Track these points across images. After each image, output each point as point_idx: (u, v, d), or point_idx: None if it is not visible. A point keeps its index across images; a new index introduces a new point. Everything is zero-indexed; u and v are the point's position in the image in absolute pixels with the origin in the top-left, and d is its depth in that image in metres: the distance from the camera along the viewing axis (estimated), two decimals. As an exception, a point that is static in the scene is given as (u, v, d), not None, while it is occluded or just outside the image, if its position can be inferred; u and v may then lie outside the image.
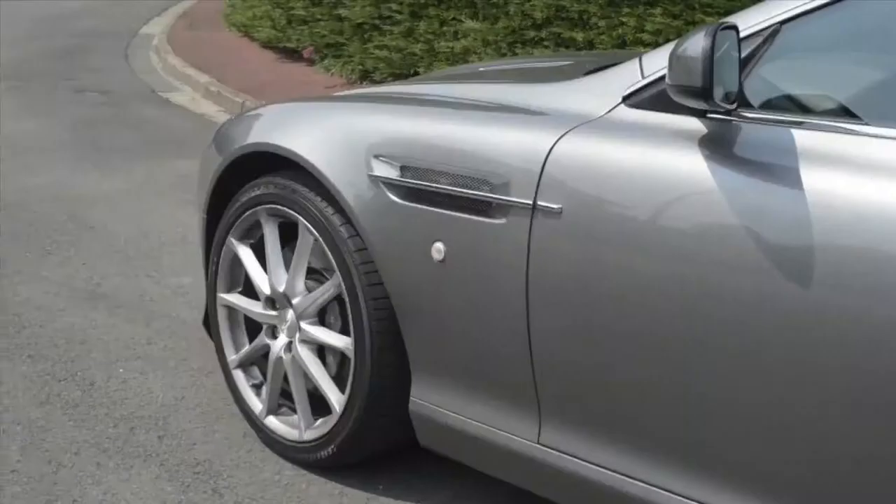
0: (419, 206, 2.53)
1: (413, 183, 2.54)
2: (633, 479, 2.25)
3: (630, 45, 6.08)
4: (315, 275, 2.94)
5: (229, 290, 3.18)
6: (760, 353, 2.00)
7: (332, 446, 2.87)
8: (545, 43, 6.77)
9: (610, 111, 2.31)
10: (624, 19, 6.17)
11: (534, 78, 2.97)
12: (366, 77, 8.45)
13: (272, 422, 3.07)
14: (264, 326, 3.06)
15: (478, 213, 2.41)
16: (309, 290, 2.91)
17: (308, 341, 2.93)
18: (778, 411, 2.01)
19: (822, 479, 1.99)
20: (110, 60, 10.59)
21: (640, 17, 6.09)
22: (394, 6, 8.01)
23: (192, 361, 3.66)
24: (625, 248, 2.17)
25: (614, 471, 2.29)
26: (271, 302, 3.01)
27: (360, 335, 2.71)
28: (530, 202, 2.30)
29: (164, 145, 6.98)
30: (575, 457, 2.35)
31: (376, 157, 2.63)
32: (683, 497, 2.17)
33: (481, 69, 3.64)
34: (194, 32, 11.71)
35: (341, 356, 2.89)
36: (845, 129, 2.03)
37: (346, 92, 3.38)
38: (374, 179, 2.62)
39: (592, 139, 2.27)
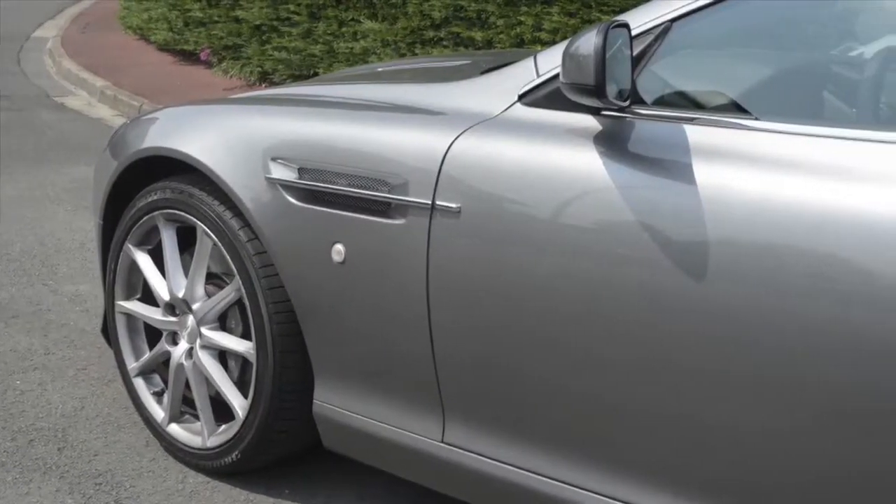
0: (318, 208, 2.52)
1: (311, 185, 2.53)
2: (538, 475, 2.27)
3: (528, 44, 6.12)
4: (215, 279, 2.91)
5: (128, 297, 3.13)
6: (659, 348, 2.03)
7: (237, 452, 2.84)
8: (444, 43, 6.79)
9: (506, 110, 2.33)
10: (522, 18, 6.22)
11: (431, 78, 2.97)
12: (265, 79, 8.39)
13: (175, 429, 3.03)
14: (164, 333, 3.02)
15: (377, 213, 2.41)
16: (209, 295, 2.88)
17: (209, 347, 2.89)
18: (679, 405, 2.04)
19: (726, 471, 2.02)
20: (1, 64, 10.36)
21: (538, 16, 6.14)
22: (292, 7, 7.97)
23: (91, 371, 3.59)
24: (523, 245, 2.18)
25: (519, 467, 2.30)
26: (171, 308, 2.97)
27: (262, 339, 2.69)
28: (429, 202, 2.30)
29: (59, 151, 6.85)
30: (479, 454, 2.36)
31: (274, 159, 2.61)
32: (588, 492, 2.20)
33: (379, 70, 3.64)
34: (89, 35, 11.51)
35: (243, 361, 2.86)
36: (736, 124, 2.07)
37: (244, 94, 3.35)
38: (272, 182, 2.60)
39: (489, 138, 2.28)
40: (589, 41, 2.01)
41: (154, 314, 3.04)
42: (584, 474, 2.20)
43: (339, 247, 2.48)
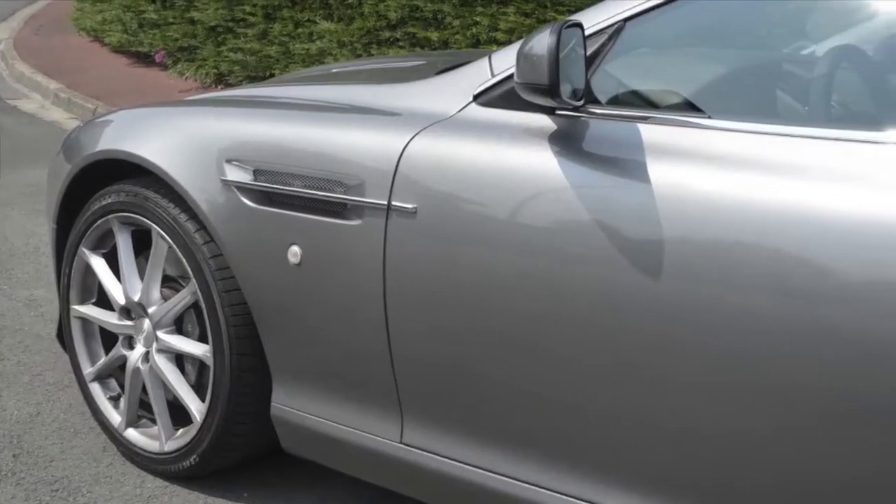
0: (274, 209, 2.51)
1: (267, 186, 2.52)
2: (497, 474, 2.27)
3: (484, 45, 6.13)
4: (171, 283, 2.90)
5: (83, 301, 3.11)
6: (617, 346, 2.04)
7: (194, 456, 2.83)
8: (400, 43, 6.78)
9: (461, 110, 2.33)
10: (478, 18, 6.22)
11: (387, 78, 2.97)
12: (220, 80, 8.35)
13: (132, 434, 3.01)
14: (120, 337, 3.00)
15: (333, 215, 2.40)
16: (165, 298, 2.87)
17: (165, 350, 2.88)
18: (637, 403, 2.05)
19: (685, 469, 2.03)
20: (-46, 68, 10.26)
21: (494, 17, 6.14)
22: (247, 8, 7.93)
23: (46, 376, 3.56)
24: (479, 245, 2.19)
25: (477, 467, 2.30)
26: (126, 312, 2.95)
27: (219, 342, 2.68)
28: (385, 203, 2.30)
29: (12, 154, 6.78)
30: (438, 454, 2.37)
31: (229, 161, 2.60)
32: (548, 490, 2.20)
33: (335, 70, 3.63)
34: (43, 37, 11.40)
35: (200, 364, 2.85)
36: (690, 122, 2.08)
37: (199, 96, 3.33)
38: (228, 184, 2.58)
39: (444, 138, 2.28)
40: (542, 41, 2.02)
41: (110, 318, 3.02)
42: (544, 473, 2.20)
43: (295, 248, 2.47)
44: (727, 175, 1.94)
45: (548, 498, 2.20)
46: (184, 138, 2.74)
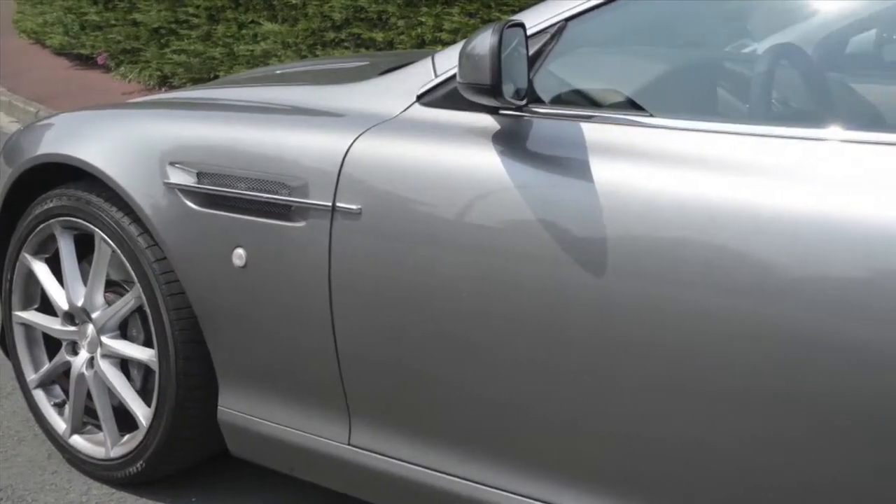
0: (218, 212, 2.50)
1: (211, 189, 2.50)
2: (445, 473, 2.28)
3: (429, 45, 6.13)
4: (115, 287, 2.87)
5: (25, 307, 3.07)
6: (561, 345, 2.04)
7: (141, 462, 2.81)
8: (345, 44, 6.77)
9: (405, 110, 2.33)
10: (422, 19, 6.22)
11: (330, 79, 2.96)
12: (164, 82, 8.30)
13: (77, 441, 2.98)
14: (64, 343, 2.97)
15: (278, 216, 2.39)
16: (109, 303, 2.84)
17: (110, 356, 2.85)
18: (582, 401, 2.05)
19: (628, 466, 2.04)
20: None
21: (438, 17, 6.15)
22: (191, 10, 7.89)
23: (-11, 383, 3.52)
24: (424, 245, 2.19)
25: (426, 467, 2.30)
26: (70, 317, 2.92)
27: (164, 346, 2.66)
28: (329, 204, 2.29)
29: (-48, 159, 6.68)
30: (386, 456, 2.36)
31: (172, 164, 2.58)
32: (495, 489, 2.21)
33: (278, 72, 3.61)
34: (-18, 41, 11.27)
35: (146, 369, 2.83)
36: (632, 121, 2.09)
37: (142, 98, 3.31)
38: (171, 187, 2.57)
39: (388, 139, 2.28)
40: (484, 41, 2.02)
41: (53, 324, 2.99)
42: (493, 472, 2.21)
43: (240, 251, 2.46)
44: (670, 173, 1.96)
45: (497, 497, 2.20)
46: (126, 141, 2.71)
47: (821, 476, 1.84)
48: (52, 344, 3.06)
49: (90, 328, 2.87)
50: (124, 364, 2.88)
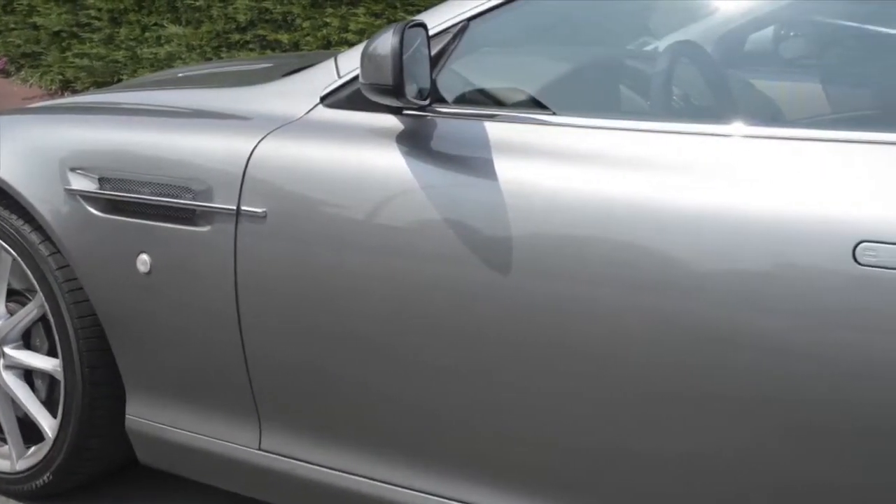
0: (121, 218, 2.46)
1: (113, 195, 2.47)
2: (357, 475, 2.27)
3: (335, 46, 6.11)
4: (16, 296, 2.82)
5: (-75, 319, 2.99)
6: (470, 344, 2.05)
7: (48, 474, 2.75)
8: (250, 46, 6.72)
9: (308, 112, 2.32)
10: (328, 20, 6.20)
11: (233, 82, 2.94)
12: (67, 87, 8.14)
13: (-19, 455, 2.92)
14: (-36, 355, 2.91)
15: (182, 221, 2.36)
16: (10, 312, 2.79)
17: (13, 366, 2.80)
18: (491, 400, 2.06)
19: (540, 462, 2.06)
20: None
21: (344, 18, 6.13)
22: (92, 13, 7.75)
23: None
24: (330, 247, 2.18)
25: (337, 469, 2.30)
26: (-30, 329, 2.86)
27: (69, 356, 2.62)
28: (234, 207, 2.27)
29: None
30: (297, 459, 2.35)
31: (73, 169, 2.53)
32: (407, 489, 2.21)
33: (181, 75, 3.57)
34: None
35: (50, 379, 2.78)
36: (535, 119, 2.10)
37: (43, 103, 3.24)
38: (72, 193, 2.52)
39: (292, 141, 2.27)
40: (386, 41, 2.02)
41: (-47, 336, 2.92)
42: (403, 472, 2.21)
43: (144, 257, 2.43)
44: (573, 170, 1.97)
45: (409, 497, 2.21)
46: (26, 147, 2.66)
47: (731, 471, 1.86)
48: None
49: (-8, 339, 2.82)
50: (28, 374, 2.83)
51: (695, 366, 1.84)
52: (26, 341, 2.81)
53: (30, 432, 2.81)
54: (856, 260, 1.70)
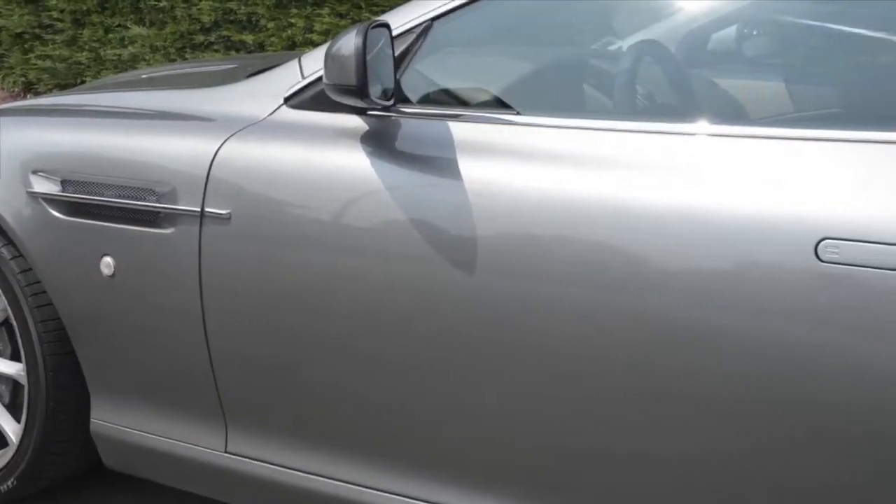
0: (84, 220, 2.45)
1: (76, 197, 2.45)
2: (324, 477, 2.27)
3: (300, 46, 6.10)
4: (-22, 301, 2.79)
5: None
6: (437, 344, 2.05)
7: (12, 479, 2.73)
8: (215, 47, 6.69)
9: (272, 113, 2.31)
10: (292, 20, 6.19)
11: (197, 83, 2.92)
12: (29, 89, 8.10)
13: (-56, 461, 2.89)
14: (-74, 360, 2.88)
15: (146, 224, 2.35)
16: (-28, 317, 2.76)
17: (-24, 372, 2.77)
18: (458, 399, 2.06)
19: (506, 462, 2.06)
20: None
21: (308, 18, 6.12)
22: (55, 14, 7.71)
23: None
24: (295, 248, 2.17)
25: (304, 471, 2.29)
26: (-68, 333, 2.83)
27: (32, 360, 2.60)
28: (198, 209, 2.26)
29: None
30: (264, 462, 2.34)
31: (35, 172, 2.52)
32: (375, 490, 2.20)
33: (144, 76, 3.55)
34: None
35: (14, 384, 2.75)
36: (499, 119, 2.11)
37: (5, 105, 3.21)
38: (34, 196, 2.50)
39: (256, 142, 2.26)
40: (349, 42, 2.02)
41: (-86, 341, 2.89)
42: (369, 473, 2.20)
43: (108, 259, 2.41)
44: (538, 170, 1.97)
45: (377, 497, 2.20)
46: (-14, 150, 2.64)
47: (699, 467, 1.87)
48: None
49: (-47, 344, 2.79)
50: (-9, 379, 2.80)
51: (660, 365, 1.85)
52: (-11, 346, 2.79)
53: (-7, 437, 2.79)
54: (818, 257, 1.71)
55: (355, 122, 2.18)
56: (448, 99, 2.26)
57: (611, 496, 1.97)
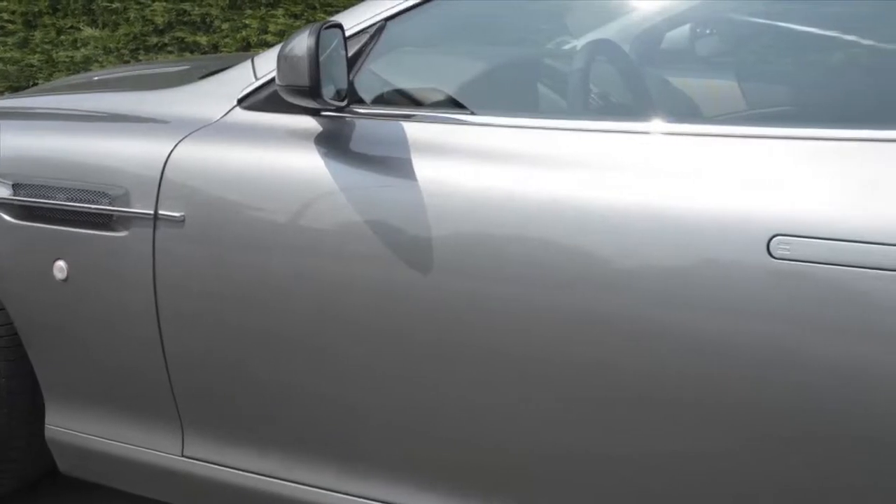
0: (36, 224, 2.42)
1: (28, 201, 2.42)
2: (281, 479, 2.26)
3: (254, 47, 6.08)
4: (-70, 307, 2.75)
5: None
6: (393, 345, 2.05)
7: (-34, 487, 2.71)
8: (169, 48, 6.65)
9: (225, 115, 2.30)
10: (247, 21, 6.16)
11: (149, 85, 2.90)
12: (-19, 92, 8.02)
13: None
14: None
15: (99, 227, 2.33)
16: (-75, 323, 2.72)
17: (-72, 378, 2.73)
18: (415, 401, 2.06)
19: (463, 461, 2.06)
20: None
21: (263, 19, 6.10)
22: (5, 16, 7.62)
23: None
24: (249, 250, 2.16)
25: (261, 474, 2.28)
26: None
27: (-15, 366, 2.57)
28: (151, 212, 2.25)
29: None
30: (221, 465, 2.33)
31: (-15, 176, 2.49)
32: (330, 491, 2.21)
33: (96, 78, 3.52)
34: None
35: (-33, 390, 2.72)
36: (453, 119, 2.11)
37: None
38: (-15, 200, 2.48)
39: (209, 144, 2.25)
40: (302, 42, 2.01)
41: None
42: (327, 475, 2.20)
43: (60, 263, 2.39)
44: (492, 169, 1.98)
45: (335, 499, 2.20)
46: (-64, 155, 2.60)
47: (658, 466, 1.88)
48: None
49: None
50: (-57, 386, 2.76)
51: (613, 364, 1.86)
52: (-59, 352, 2.75)
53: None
54: (770, 253, 1.72)
55: (309, 122, 2.17)
56: (402, 99, 2.26)
57: (570, 497, 1.97)
